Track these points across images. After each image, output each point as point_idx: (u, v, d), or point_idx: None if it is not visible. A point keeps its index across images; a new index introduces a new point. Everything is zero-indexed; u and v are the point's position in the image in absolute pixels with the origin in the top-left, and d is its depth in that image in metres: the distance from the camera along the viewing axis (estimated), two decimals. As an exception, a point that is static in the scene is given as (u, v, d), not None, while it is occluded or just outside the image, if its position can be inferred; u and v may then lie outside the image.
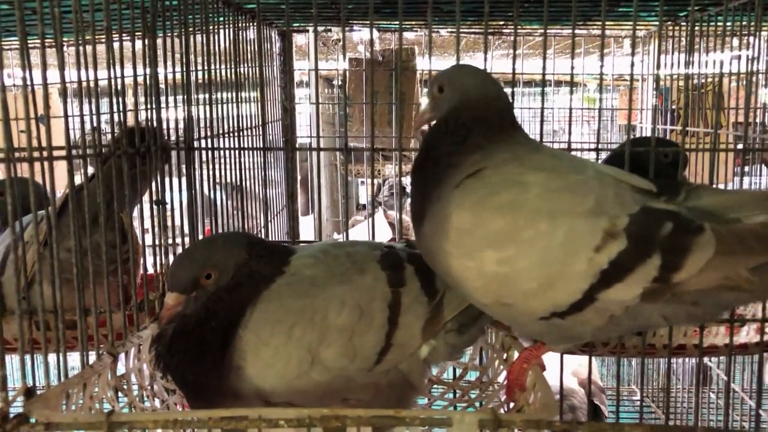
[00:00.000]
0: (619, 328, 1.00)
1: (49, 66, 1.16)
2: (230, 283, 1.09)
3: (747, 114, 1.61)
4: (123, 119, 1.37)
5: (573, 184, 1.00)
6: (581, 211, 0.96)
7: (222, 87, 1.79)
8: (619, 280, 0.94)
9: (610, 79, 3.28)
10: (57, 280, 1.19)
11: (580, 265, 0.94)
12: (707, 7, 2.05)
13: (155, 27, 1.48)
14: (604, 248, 0.94)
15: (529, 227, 0.95)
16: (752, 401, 2.23)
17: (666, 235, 0.94)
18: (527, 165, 1.03)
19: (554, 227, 0.95)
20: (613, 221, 0.95)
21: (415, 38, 3.32)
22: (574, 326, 1.00)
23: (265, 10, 2.30)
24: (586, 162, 1.14)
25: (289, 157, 2.54)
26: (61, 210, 1.34)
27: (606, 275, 0.94)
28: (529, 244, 0.95)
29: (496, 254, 0.96)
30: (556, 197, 0.98)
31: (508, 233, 0.96)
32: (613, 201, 0.97)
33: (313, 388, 1.06)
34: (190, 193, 1.62)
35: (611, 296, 0.95)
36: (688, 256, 0.93)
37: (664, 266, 0.93)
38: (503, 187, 1.00)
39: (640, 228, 0.95)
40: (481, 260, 0.97)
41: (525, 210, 0.97)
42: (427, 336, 1.14)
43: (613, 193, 0.99)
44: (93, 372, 1.09)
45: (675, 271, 0.93)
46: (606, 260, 0.94)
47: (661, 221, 0.95)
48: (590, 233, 0.94)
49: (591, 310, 0.96)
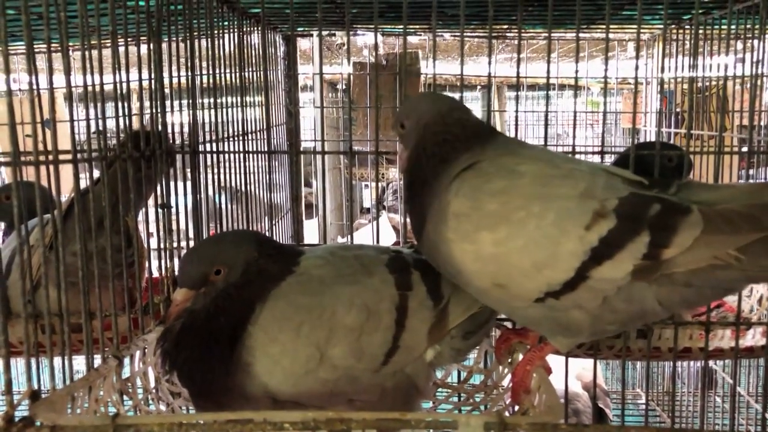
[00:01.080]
0: (616, 316, 1.01)
1: (55, 71, 1.17)
2: (239, 280, 1.09)
3: (752, 117, 1.61)
4: (128, 123, 1.37)
5: (565, 171, 1.04)
6: (572, 194, 1.00)
7: (227, 91, 1.80)
8: (609, 257, 0.97)
9: (614, 82, 3.28)
10: (62, 283, 1.19)
11: (571, 243, 0.98)
12: (711, 11, 2.05)
13: (160, 31, 1.48)
14: (594, 226, 0.97)
15: (522, 209, 1.00)
16: (758, 405, 2.23)
17: (654, 215, 0.97)
18: (522, 156, 1.07)
19: (546, 208, 0.99)
20: (602, 202, 0.99)
21: (419, 42, 3.33)
22: (570, 310, 1.01)
23: (270, 15, 2.31)
24: (579, 159, 1.18)
25: (294, 160, 2.54)
26: (67, 213, 1.34)
27: (596, 252, 0.97)
28: (522, 225, 0.99)
29: (491, 235, 1.00)
30: (549, 182, 1.02)
31: (502, 215, 1.00)
32: (604, 187, 1.01)
33: (319, 386, 1.06)
34: (194, 196, 1.63)
35: (603, 273, 0.98)
36: (676, 234, 0.96)
37: (652, 243, 0.96)
38: (498, 174, 1.05)
39: (629, 208, 0.98)
40: (477, 242, 1.01)
41: (518, 193, 1.02)
42: (432, 340, 1.14)
43: (604, 180, 1.03)
44: (98, 375, 1.10)
45: (664, 247, 0.96)
46: (596, 238, 0.97)
47: (650, 202, 0.99)
48: (580, 213, 0.98)
49: (584, 289, 0.99)
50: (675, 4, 2.10)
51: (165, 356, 1.11)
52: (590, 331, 1.04)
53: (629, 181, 1.05)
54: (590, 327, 1.03)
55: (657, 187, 1.04)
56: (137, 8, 1.40)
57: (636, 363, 2.89)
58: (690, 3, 2.03)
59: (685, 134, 1.54)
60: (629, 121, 3.43)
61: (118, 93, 1.33)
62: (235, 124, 1.86)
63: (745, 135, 1.90)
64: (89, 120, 1.26)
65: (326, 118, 3.53)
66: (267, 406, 1.05)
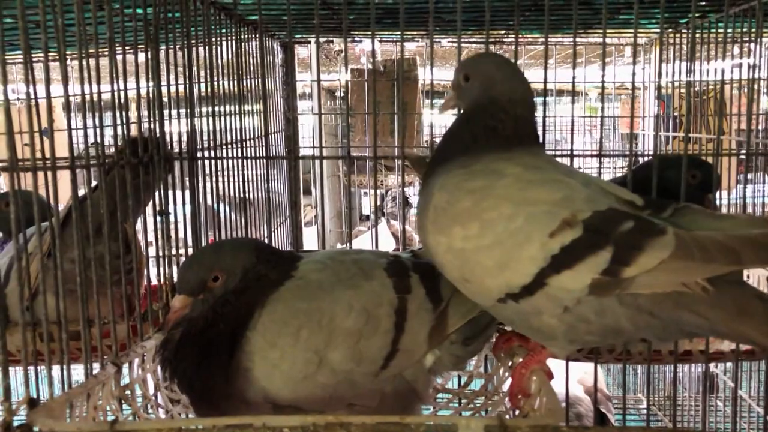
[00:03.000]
0: (591, 327, 0.99)
1: (53, 80, 1.17)
2: (238, 286, 1.09)
3: (749, 120, 1.61)
4: (126, 131, 1.37)
5: (547, 179, 1.04)
6: (546, 201, 0.99)
7: (225, 98, 1.80)
8: (569, 267, 0.96)
9: (612, 87, 3.29)
10: (60, 291, 1.19)
11: (533, 248, 0.97)
12: (708, 14, 2.06)
13: (158, 39, 1.49)
14: (558, 234, 0.96)
15: (493, 209, 1.00)
16: (760, 408, 2.22)
17: (624, 232, 0.95)
18: (514, 162, 1.07)
19: (516, 211, 0.99)
20: (574, 213, 0.97)
21: (416, 48, 3.33)
22: (531, 313, 1.01)
23: (267, 22, 2.31)
24: (579, 172, 1.17)
25: (292, 166, 2.54)
26: (65, 221, 1.34)
27: (557, 261, 0.96)
28: (491, 224, 1.00)
29: (462, 231, 1.01)
30: (526, 187, 1.02)
31: (474, 212, 1.01)
32: (584, 199, 1.00)
33: (319, 391, 1.06)
34: (193, 203, 1.63)
35: (561, 283, 0.96)
36: (640, 253, 0.94)
37: (614, 259, 0.94)
38: (481, 174, 1.06)
39: (599, 222, 0.97)
40: (450, 236, 1.03)
41: (493, 194, 1.02)
42: (432, 343, 1.14)
43: (588, 193, 1.01)
44: (97, 382, 1.09)
45: (624, 265, 0.94)
46: (558, 246, 0.96)
47: (623, 219, 0.97)
48: (548, 220, 0.97)
49: (542, 295, 0.98)
50: (671, 8, 2.11)
51: (165, 364, 1.11)
52: (565, 339, 1.02)
53: (622, 199, 1.03)
54: (564, 335, 1.01)
55: (651, 208, 1.02)
56: (135, 16, 1.40)
57: (637, 368, 2.89)
58: (686, 7, 2.04)
59: (683, 138, 1.54)
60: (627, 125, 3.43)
61: (116, 101, 1.33)
62: (234, 132, 1.86)
63: (743, 138, 1.91)
64: (87, 128, 1.26)
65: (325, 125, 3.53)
66: (267, 411, 1.04)
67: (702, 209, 1.04)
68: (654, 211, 1.01)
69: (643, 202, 1.03)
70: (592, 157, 2.13)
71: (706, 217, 1.01)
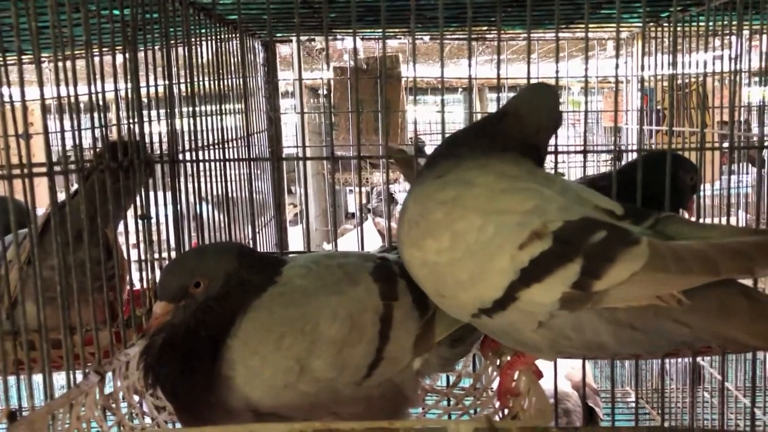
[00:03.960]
0: (573, 343, 0.95)
1: (31, 83, 1.15)
2: (220, 292, 1.07)
3: (732, 113, 1.62)
4: (105, 134, 1.35)
5: (519, 188, 1.00)
6: (516, 211, 0.96)
7: (206, 99, 1.78)
8: (538, 281, 0.92)
9: (595, 81, 3.30)
10: (41, 298, 1.17)
11: (503, 261, 0.94)
12: (689, 8, 2.06)
13: (136, 41, 1.46)
14: (527, 247, 0.93)
15: (463, 220, 0.97)
16: (747, 399, 2.23)
17: (595, 243, 0.91)
18: (486, 170, 1.04)
19: (486, 222, 0.96)
20: (544, 223, 0.93)
21: (399, 45, 3.33)
22: (508, 329, 0.98)
23: (248, 21, 2.29)
24: (559, 179, 1.11)
25: (276, 167, 2.52)
26: (44, 227, 1.32)
27: (526, 274, 0.93)
28: (462, 236, 0.97)
29: (435, 244, 0.99)
30: (496, 196, 0.99)
31: (445, 224, 0.99)
32: (557, 208, 0.96)
33: (300, 399, 1.04)
34: (175, 206, 1.61)
35: (531, 296, 0.93)
36: (611, 265, 0.89)
37: (583, 272, 0.90)
38: (452, 184, 1.03)
39: (570, 232, 0.93)
40: (423, 249, 1.00)
41: (463, 204, 0.99)
42: (418, 352, 1.12)
43: (563, 202, 0.97)
44: (79, 392, 1.07)
45: (594, 278, 0.89)
46: (527, 258, 0.92)
47: (596, 229, 0.92)
48: (518, 231, 0.94)
49: (514, 310, 0.94)
50: (653, 1, 2.11)
51: (148, 371, 1.09)
52: (550, 352, 0.99)
53: (601, 208, 0.99)
54: (548, 349, 0.98)
55: (631, 217, 0.98)
56: (112, 17, 1.37)
57: (624, 361, 2.90)
58: (668, 0, 2.04)
59: (667, 131, 1.54)
60: (611, 119, 3.44)
61: (94, 104, 1.31)
62: (215, 132, 1.84)
63: (725, 131, 1.91)
64: (65, 132, 1.24)
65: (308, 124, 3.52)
66: (249, 420, 1.03)
67: (686, 219, 1.01)
68: (634, 220, 0.97)
69: (623, 211, 0.99)
70: (576, 153, 2.13)
71: (690, 227, 0.97)
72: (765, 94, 1.69)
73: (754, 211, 1.81)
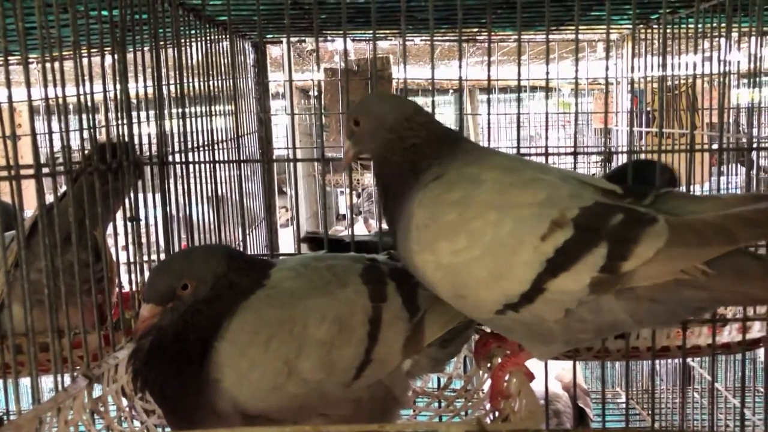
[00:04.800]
0: (587, 326, 0.98)
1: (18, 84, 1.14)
2: (208, 295, 1.07)
3: (721, 114, 1.62)
4: (94, 136, 1.34)
5: (526, 179, 1.01)
6: (531, 203, 0.97)
7: (195, 100, 1.77)
8: (565, 269, 0.94)
9: (585, 83, 3.30)
10: (28, 301, 1.16)
11: (526, 253, 0.94)
12: (678, 10, 2.07)
13: (125, 41, 1.45)
14: (550, 237, 0.94)
15: (479, 218, 0.97)
16: (736, 400, 2.24)
17: (615, 225, 0.93)
18: (485, 166, 1.04)
19: (503, 217, 0.96)
20: (562, 212, 0.95)
21: (389, 47, 3.32)
22: (532, 321, 0.98)
23: (238, 22, 2.28)
24: (551, 167, 1.14)
25: (266, 169, 2.52)
26: (32, 230, 1.31)
27: (552, 264, 0.94)
28: (479, 234, 0.97)
29: (450, 245, 0.98)
30: (507, 190, 0.99)
31: (460, 224, 0.98)
32: (568, 196, 0.98)
33: (289, 401, 1.04)
34: (164, 208, 1.60)
35: (560, 286, 0.94)
36: (636, 246, 0.92)
37: (610, 255, 0.92)
38: (458, 184, 1.02)
39: (588, 218, 0.95)
40: (437, 253, 0.99)
41: (475, 202, 0.99)
42: (407, 353, 1.12)
43: (570, 189, 0.99)
44: (67, 396, 1.06)
45: (622, 260, 0.92)
46: (552, 249, 0.94)
47: (612, 212, 0.95)
48: (537, 222, 0.95)
49: (542, 301, 0.95)
50: (642, 4, 2.12)
51: (136, 375, 1.08)
52: (562, 339, 1.00)
53: (602, 190, 1.01)
54: (561, 335, 1.00)
55: (631, 196, 1.00)
56: (100, 18, 1.36)
57: (615, 362, 2.90)
58: (657, 3, 2.05)
59: (657, 133, 1.55)
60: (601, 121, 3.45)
61: (83, 105, 1.30)
62: (205, 134, 1.83)
63: (715, 132, 1.92)
64: (53, 133, 1.23)
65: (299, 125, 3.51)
66: (238, 422, 1.02)
67: (682, 193, 1.03)
68: (635, 199, 1.00)
69: (622, 191, 1.01)
70: (567, 155, 2.13)
71: (688, 200, 1.00)
72: (754, 96, 1.70)
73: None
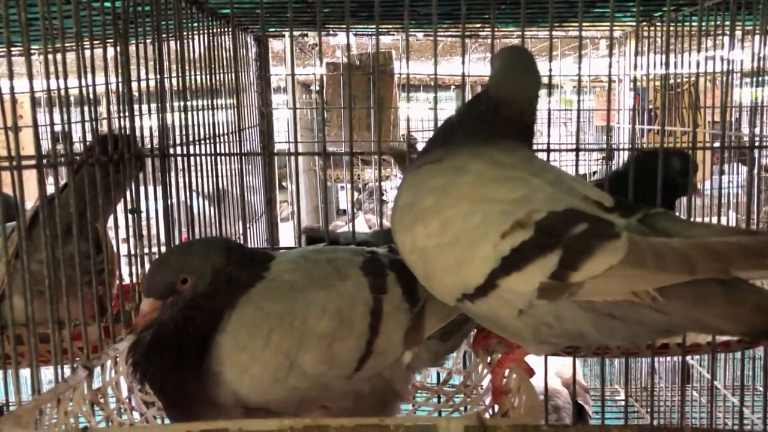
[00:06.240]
0: (554, 331, 0.96)
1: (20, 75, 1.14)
2: (208, 289, 1.06)
3: (723, 113, 1.62)
4: (95, 128, 1.34)
5: (509, 177, 1.01)
6: (502, 200, 0.97)
7: (197, 93, 1.77)
8: (518, 270, 0.93)
9: (587, 80, 3.30)
10: (29, 293, 1.16)
11: (486, 248, 0.95)
12: (682, 7, 2.07)
13: (127, 33, 1.45)
14: (510, 235, 0.94)
15: (453, 207, 0.99)
16: (735, 398, 2.25)
17: (575, 234, 0.91)
18: (479, 158, 1.05)
19: (474, 210, 0.97)
20: (529, 213, 0.94)
21: (392, 42, 3.32)
22: (489, 315, 0.99)
23: (240, 15, 2.28)
24: (553, 169, 1.11)
25: (267, 162, 2.51)
26: (33, 221, 1.31)
27: (507, 262, 0.94)
28: (450, 223, 0.98)
29: (425, 229, 1.00)
30: (486, 184, 1.00)
31: (435, 210, 1.00)
32: (544, 198, 0.96)
33: (290, 394, 1.04)
34: (165, 201, 1.60)
35: (510, 285, 0.94)
36: (588, 258, 0.89)
37: (561, 263, 0.90)
38: (444, 172, 1.04)
39: (552, 223, 0.93)
40: (413, 234, 1.02)
41: (453, 192, 1.01)
42: (408, 345, 1.12)
43: (550, 193, 0.98)
44: (67, 386, 1.06)
45: (572, 270, 0.90)
46: (509, 247, 0.94)
47: (578, 221, 0.92)
48: (502, 219, 0.95)
49: (494, 297, 0.96)
50: (646, 1, 2.12)
51: (135, 368, 1.08)
52: (534, 341, 0.99)
53: (590, 199, 0.98)
54: (531, 337, 0.98)
55: (620, 210, 0.96)
56: (103, 9, 1.36)
57: (614, 359, 2.91)
58: (661, 0, 2.04)
59: (659, 131, 1.54)
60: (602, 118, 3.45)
61: (85, 97, 1.30)
62: (207, 127, 1.83)
63: (717, 131, 1.92)
64: (54, 124, 1.22)
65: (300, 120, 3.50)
66: (239, 415, 1.02)
67: (677, 217, 1.01)
68: (623, 213, 0.96)
69: (613, 203, 0.98)
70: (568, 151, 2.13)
71: (680, 224, 0.96)
72: (756, 95, 1.70)
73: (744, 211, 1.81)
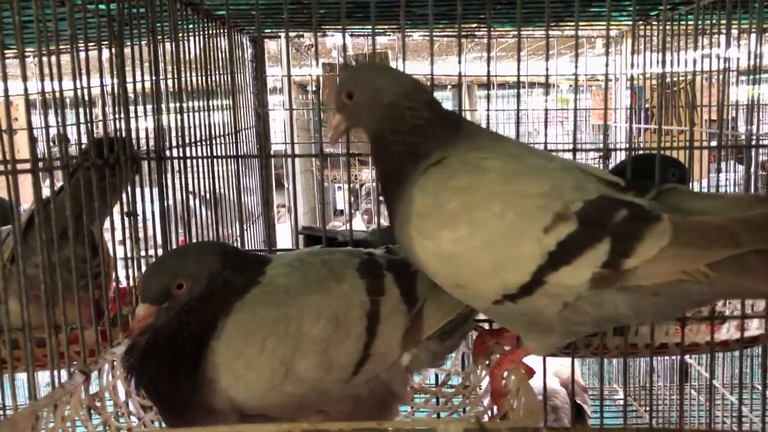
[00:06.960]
0: (586, 318, 0.96)
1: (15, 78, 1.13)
2: (203, 294, 1.06)
3: (720, 111, 1.62)
4: (91, 130, 1.34)
5: (531, 168, 1.00)
6: (535, 194, 0.96)
7: (193, 95, 1.76)
8: (567, 263, 0.93)
9: (583, 79, 3.30)
10: (24, 297, 1.15)
11: (528, 245, 0.93)
12: (678, 6, 2.06)
13: (122, 35, 1.45)
14: (553, 230, 0.93)
15: (482, 208, 0.96)
16: (734, 397, 2.25)
17: (619, 221, 0.92)
18: (491, 152, 1.02)
19: (506, 208, 0.95)
20: (566, 204, 0.94)
21: (388, 42, 3.31)
22: (530, 312, 0.98)
23: (236, 17, 2.27)
24: (553, 155, 1.13)
25: (264, 164, 2.51)
26: (28, 224, 1.30)
27: (554, 257, 0.93)
28: (481, 224, 0.95)
29: (451, 234, 0.96)
30: (512, 180, 0.98)
31: (462, 213, 0.96)
32: (572, 187, 0.96)
33: (287, 400, 1.03)
34: (162, 203, 1.59)
35: (560, 279, 0.93)
36: (639, 243, 0.91)
37: (613, 251, 0.91)
38: (463, 171, 1.00)
39: (592, 212, 0.93)
40: (438, 240, 0.97)
41: (479, 191, 0.97)
42: (407, 346, 1.11)
43: (574, 180, 0.98)
44: (64, 392, 1.06)
45: (624, 257, 0.91)
46: (554, 242, 0.92)
47: (617, 208, 0.93)
48: (541, 214, 0.94)
49: (541, 294, 0.94)
50: (642, 0, 2.11)
51: (131, 373, 1.08)
52: (560, 331, 1.00)
53: (605, 181, 0.99)
54: (560, 327, 0.99)
55: (634, 189, 0.99)
56: (98, 12, 1.35)
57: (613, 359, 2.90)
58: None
59: (656, 130, 1.54)
60: (599, 117, 3.45)
61: (80, 99, 1.29)
62: (203, 129, 1.82)
63: (714, 129, 1.92)
64: (49, 128, 1.22)
65: (297, 120, 3.50)
66: (235, 421, 1.02)
67: (686, 190, 1.02)
68: (637, 193, 0.98)
69: (625, 184, 1.00)
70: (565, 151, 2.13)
71: (691, 197, 0.98)
72: (753, 93, 1.70)
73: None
